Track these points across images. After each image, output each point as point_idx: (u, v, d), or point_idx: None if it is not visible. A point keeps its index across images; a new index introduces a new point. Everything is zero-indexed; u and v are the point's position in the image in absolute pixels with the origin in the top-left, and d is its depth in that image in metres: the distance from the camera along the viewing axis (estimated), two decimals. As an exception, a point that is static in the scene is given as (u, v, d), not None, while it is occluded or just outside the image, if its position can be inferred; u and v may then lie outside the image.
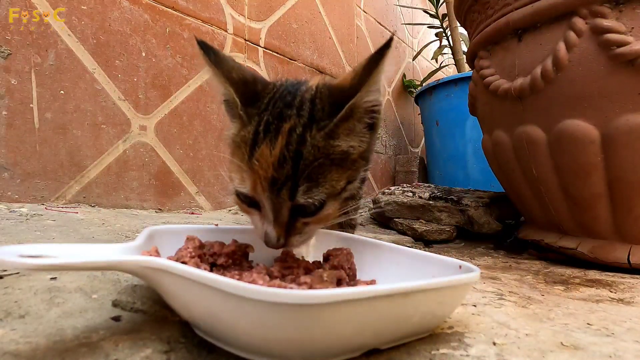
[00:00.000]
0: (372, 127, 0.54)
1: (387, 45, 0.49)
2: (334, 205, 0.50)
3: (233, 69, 0.53)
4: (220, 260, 0.47)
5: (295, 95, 0.52)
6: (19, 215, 0.85)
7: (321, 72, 1.86)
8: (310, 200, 0.47)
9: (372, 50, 2.28)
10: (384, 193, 1.48)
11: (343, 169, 0.50)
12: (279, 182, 0.46)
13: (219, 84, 0.54)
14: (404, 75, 2.61)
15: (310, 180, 0.47)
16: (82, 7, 1.06)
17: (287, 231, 0.49)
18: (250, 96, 0.52)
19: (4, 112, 0.93)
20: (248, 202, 0.50)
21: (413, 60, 2.70)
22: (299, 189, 0.46)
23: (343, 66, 2.02)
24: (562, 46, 0.79)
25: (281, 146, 0.46)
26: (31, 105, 0.97)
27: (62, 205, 1.01)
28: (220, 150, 1.40)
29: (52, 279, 0.47)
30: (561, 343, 0.41)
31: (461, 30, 2.15)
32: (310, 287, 0.40)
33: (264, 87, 0.54)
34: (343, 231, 0.67)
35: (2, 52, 0.93)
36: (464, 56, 1.88)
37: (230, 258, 0.48)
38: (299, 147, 0.47)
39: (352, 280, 0.50)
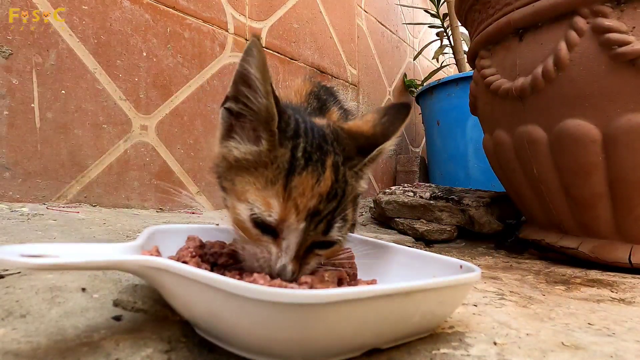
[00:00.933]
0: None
1: (408, 106, 0.55)
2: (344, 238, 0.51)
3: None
4: (221, 260, 0.47)
5: (322, 129, 0.50)
6: (20, 215, 0.85)
7: (322, 72, 1.86)
8: (340, 238, 0.47)
9: (373, 50, 2.29)
10: (384, 193, 1.48)
11: (354, 207, 0.51)
12: (322, 216, 0.44)
13: (261, 92, 0.45)
14: (405, 75, 2.61)
15: (344, 217, 0.47)
16: (83, 7, 1.06)
17: (300, 265, 0.46)
18: (280, 114, 0.46)
19: (5, 112, 0.93)
20: (262, 229, 0.45)
21: (414, 59, 2.70)
22: (334, 225, 0.45)
23: (344, 66, 2.02)
24: (563, 46, 0.79)
25: (332, 180, 0.45)
26: (32, 105, 0.97)
27: (63, 205, 1.01)
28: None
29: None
30: (562, 343, 0.41)
31: (462, 29, 2.15)
32: (311, 287, 0.40)
33: (283, 111, 0.48)
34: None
35: (4, 52, 0.93)
36: (465, 56, 1.88)
37: (231, 258, 0.48)
38: (344, 185, 0.47)
39: (352, 280, 0.50)
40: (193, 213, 1.25)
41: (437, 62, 2.54)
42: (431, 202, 1.32)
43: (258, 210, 0.43)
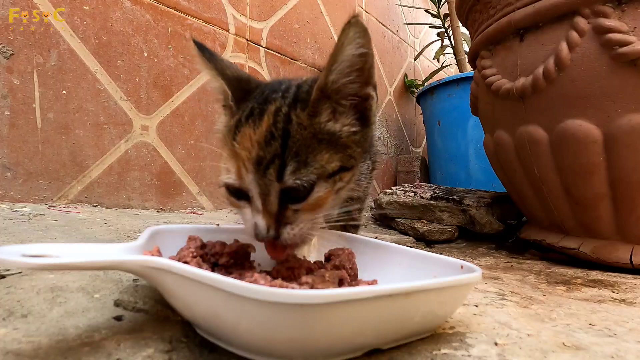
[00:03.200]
0: (364, 119, 0.53)
1: (348, 22, 0.46)
2: (325, 189, 0.48)
3: (228, 67, 0.55)
4: (222, 260, 0.47)
5: (282, 82, 0.55)
6: (22, 215, 0.86)
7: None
8: (299, 182, 0.45)
9: (374, 50, 2.28)
10: (385, 193, 1.48)
11: (334, 150, 0.49)
12: (265, 161, 0.45)
13: (213, 79, 0.55)
14: (406, 75, 2.61)
15: (298, 158, 0.45)
16: (84, 7, 1.06)
17: (277, 221, 0.46)
18: (243, 92, 0.53)
19: (6, 112, 0.93)
20: (237, 195, 0.48)
21: (415, 60, 2.70)
22: (287, 168, 0.44)
23: (344, 66, 2.02)
24: (564, 46, 0.79)
25: (267, 125, 0.46)
26: (33, 105, 0.97)
27: (64, 205, 1.01)
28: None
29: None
30: (563, 343, 0.41)
31: (463, 30, 2.15)
32: (312, 287, 0.40)
33: (257, 85, 0.56)
34: (346, 231, 0.67)
35: (5, 52, 0.93)
36: (466, 56, 1.87)
37: (232, 258, 0.48)
38: (286, 125, 0.47)
39: (353, 280, 0.50)
40: (194, 213, 1.25)
41: (438, 62, 2.54)
42: (432, 202, 1.32)
43: (223, 177, 0.48)
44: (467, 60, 1.89)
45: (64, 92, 1.03)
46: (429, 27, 2.48)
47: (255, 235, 0.46)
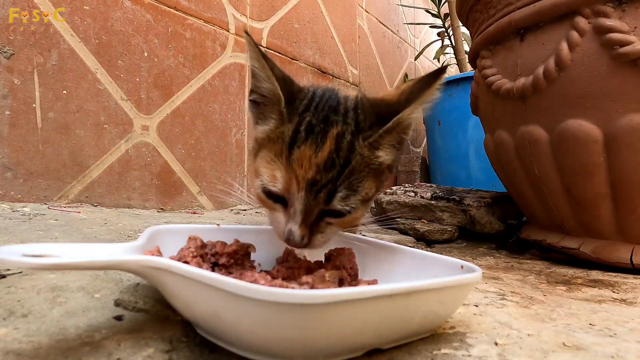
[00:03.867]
0: (400, 142, 0.55)
1: (442, 70, 0.49)
2: (361, 211, 0.51)
3: (275, 66, 0.52)
4: (222, 260, 0.47)
5: (338, 101, 0.53)
6: (22, 214, 0.86)
7: (323, 72, 1.86)
8: (347, 208, 0.48)
9: (374, 50, 2.28)
10: (385, 193, 1.48)
11: (376, 179, 0.51)
12: (320, 185, 0.46)
13: (263, 79, 0.52)
14: (406, 75, 2.61)
15: (350, 187, 0.47)
16: (85, 7, 1.06)
17: (311, 231, 0.49)
18: (290, 95, 0.52)
19: (7, 112, 0.93)
20: (274, 199, 0.50)
21: (415, 59, 2.70)
22: (337, 195, 0.47)
23: (345, 66, 2.02)
24: (564, 46, 0.79)
25: (330, 150, 0.47)
26: (34, 105, 0.97)
27: (64, 205, 1.01)
28: (221, 150, 1.40)
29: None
30: (563, 343, 0.41)
31: (463, 29, 2.15)
32: (312, 287, 0.40)
33: (299, 89, 0.54)
34: (345, 231, 0.67)
35: (5, 52, 0.93)
36: (466, 56, 1.87)
37: (232, 258, 0.48)
38: (348, 154, 0.48)
39: (353, 280, 0.50)
40: (194, 213, 1.25)
41: (439, 62, 2.54)
42: (432, 202, 1.32)
43: (266, 182, 0.49)
44: (467, 60, 1.89)
45: (65, 92, 1.03)
46: (430, 27, 2.48)
47: (287, 240, 0.49)
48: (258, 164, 0.51)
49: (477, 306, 0.53)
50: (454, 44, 2.27)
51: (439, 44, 2.46)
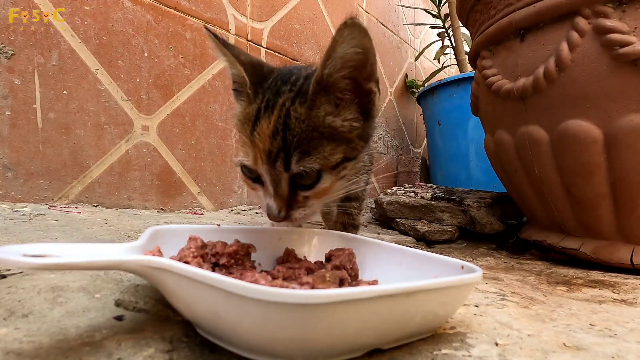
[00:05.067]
0: (366, 113, 0.56)
1: (344, 22, 0.48)
2: (331, 179, 0.52)
3: (241, 53, 0.58)
4: (223, 260, 0.47)
5: (291, 73, 0.57)
6: (22, 215, 0.86)
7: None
8: (302, 169, 0.49)
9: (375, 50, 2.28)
10: (386, 193, 1.48)
11: (336, 143, 0.52)
12: (274, 154, 0.49)
13: (230, 65, 0.58)
14: (406, 76, 2.61)
15: (300, 150, 0.49)
16: (85, 7, 1.07)
17: (288, 204, 0.52)
18: (257, 77, 0.56)
19: (7, 112, 0.93)
20: (253, 178, 0.54)
21: (415, 60, 2.70)
22: (291, 159, 0.49)
23: (345, 66, 2.02)
24: (564, 46, 0.79)
25: (275, 119, 0.50)
26: (34, 106, 0.97)
27: (64, 205, 1.01)
28: (222, 150, 1.40)
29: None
30: (564, 344, 0.41)
31: (463, 30, 2.15)
32: (313, 287, 0.40)
33: (270, 70, 0.58)
34: (346, 232, 0.67)
35: (6, 52, 0.93)
36: (466, 56, 1.87)
37: (233, 258, 0.48)
38: (286, 120, 0.50)
39: (354, 280, 0.50)
40: (194, 213, 1.25)
41: (439, 62, 2.54)
42: (432, 202, 1.32)
43: (242, 158, 0.53)
44: (467, 61, 1.89)
45: (65, 92, 1.03)
46: (430, 27, 2.48)
47: (268, 215, 0.52)
48: (237, 145, 0.56)
49: (477, 306, 0.53)
50: (454, 45, 2.27)
51: (439, 44, 2.46)
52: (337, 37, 0.48)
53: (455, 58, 2.28)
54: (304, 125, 0.50)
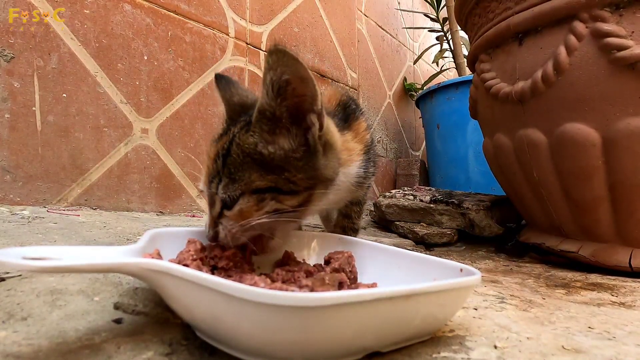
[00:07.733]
0: (309, 147, 0.51)
1: (269, 50, 0.47)
2: (247, 203, 0.49)
3: (236, 94, 0.61)
4: (222, 263, 0.47)
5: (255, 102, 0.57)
6: (21, 217, 0.86)
7: (322, 76, 1.87)
8: (225, 196, 0.50)
9: (373, 54, 2.29)
10: (385, 196, 1.48)
11: (265, 171, 0.50)
12: (211, 176, 0.52)
13: (220, 104, 0.62)
14: (405, 79, 2.61)
15: (230, 175, 0.50)
16: (85, 10, 1.07)
17: (215, 224, 0.52)
18: (237, 113, 0.59)
19: (6, 115, 0.93)
20: (207, 200, 0.55)
21: (414, 63, 2.71)
22: (221, 184, 0.50)
23: (344, 70, 2.03)
24: (562, 50, 0.79)
25: (221, 145, 0.52)
26: (34, 108, 0.97)
27: (63, 208, 1.01)
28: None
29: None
30: (562, 346, 0.41)
31: (462, 33, 2.16)
32: (312, 290, 0.40)
33: (253, 105, 0.59)
34: (345, 235, 0.67)
35: (5, 55, 0.93)
36: (465, 60, 1.88)
37: (232, 261, 0.48)
38: (230, 145, 0.51)
39: (353, 283, 0.51)
40: (193, 216, 1.25)
41: (437, 66, 2.55)
42: (431, 205, 1.32)
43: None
44: (466, 64, 1.90)
45: (64, 95, 1.03)
46: (428, 31, 2.49)
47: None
48: None
49: (476, 309, 0.53)
50: (452, 48, 2.28)
51: (437, 47, 2.47)
52: (266, 64, 0.48)
53: (454, 61, 2.29)
54: (239, 151, 0.50)
